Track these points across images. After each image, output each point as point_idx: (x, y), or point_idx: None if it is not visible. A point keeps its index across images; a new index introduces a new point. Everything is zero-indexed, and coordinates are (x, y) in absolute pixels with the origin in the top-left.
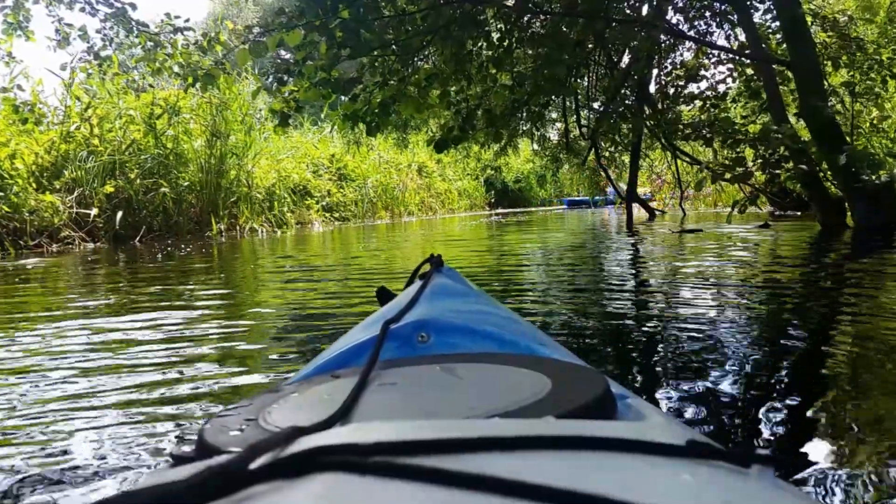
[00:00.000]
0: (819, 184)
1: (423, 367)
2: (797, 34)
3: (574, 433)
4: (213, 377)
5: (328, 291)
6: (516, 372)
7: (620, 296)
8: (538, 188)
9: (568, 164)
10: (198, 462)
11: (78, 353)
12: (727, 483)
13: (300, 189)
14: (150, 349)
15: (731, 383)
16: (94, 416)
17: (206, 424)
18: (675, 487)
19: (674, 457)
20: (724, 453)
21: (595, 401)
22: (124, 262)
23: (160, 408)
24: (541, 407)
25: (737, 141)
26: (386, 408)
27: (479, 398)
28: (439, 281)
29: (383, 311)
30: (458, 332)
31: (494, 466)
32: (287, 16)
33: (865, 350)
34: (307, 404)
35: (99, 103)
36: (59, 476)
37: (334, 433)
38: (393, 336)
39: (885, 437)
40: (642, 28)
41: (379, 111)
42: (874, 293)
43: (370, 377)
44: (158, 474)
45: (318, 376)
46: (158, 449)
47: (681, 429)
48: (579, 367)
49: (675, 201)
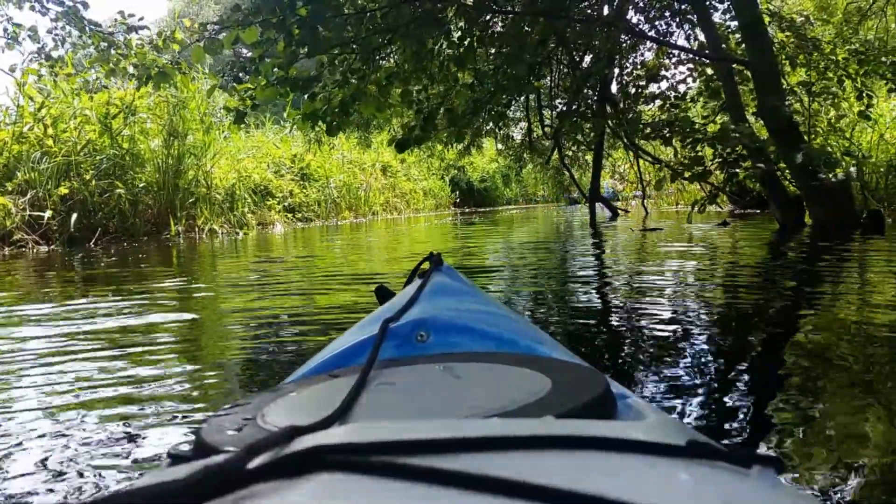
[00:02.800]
0: (777, 183)
1: (423, 367)
2: (755, 34)
3: (574, 433)
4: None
5: (288, 297)
6: (516, 371)
7: (581, 294)
8: (503, 187)
9: (532, 164)
10: (195, 461)
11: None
12: (727, 483)
13: (261, 189)
14: (99, 352)
15: (708, 380)
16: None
17: (204, 424)
18: (675, 488)
19: (674, 457)
20: (725, 454)
21: (595, 400)
22: (79, 266)
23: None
24: (540, 406)
25: (696, 140)
26: (385, 407)
27: (478, 397)
28: (439, 279)
29: (382, 310)
30: (457, 331)
31: (494, 466)
32: (243, 13)
33: (850, 346)
34: (306, 404)
35: (53, 103)
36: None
37: (333, 432)
38: (392, 335)
39: (887, 435)
40: (603, 27)
41: (339, 110)
42: (835, 289)
43: (369, 376)
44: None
45: (316, 375)
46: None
47: (681, 429)
48: (579, 366)
49: (637, 200)
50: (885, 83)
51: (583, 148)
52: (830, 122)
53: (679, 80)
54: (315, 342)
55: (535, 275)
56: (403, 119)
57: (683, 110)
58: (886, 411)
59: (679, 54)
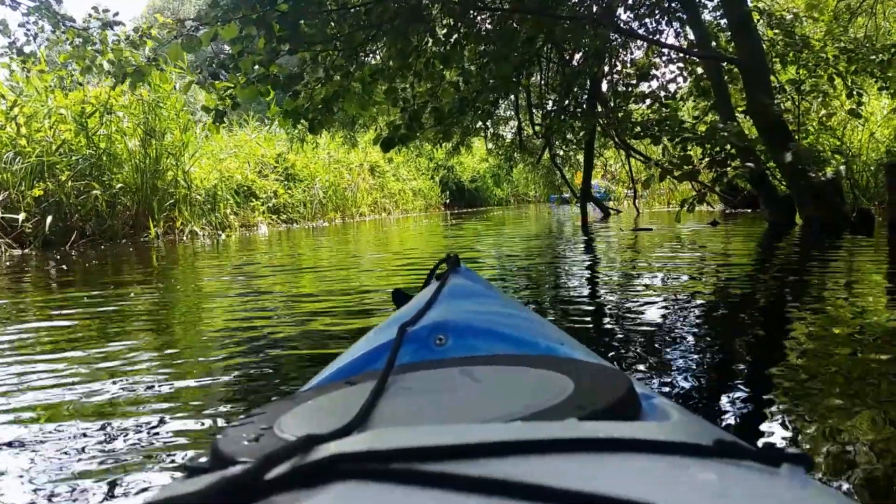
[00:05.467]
0: (767, 182)
1: (442, 371)
2: (745, 32)
3: (598, 435)
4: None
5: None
6: (537, 373)
7: (574, 293)
8: (494, 187)
9: (522, 163)
10: (212, 473)
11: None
12: (756, 483)
13: (244, 190)
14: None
15: (718, 378)
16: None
17: (220, 434)
18: (703, 488)
19: (701, 457)
20: (754, 452)
21: (619, 401)
22: (55, 270)
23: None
24: (563, 409)
25: (685, 139)
26: (404, 413)
27: (499, 401)
28: (456, 281)
29: (399, 314)
30: (476, 334)
31: (517, 471)
32: (222, 8)
33: (854, 344)
34: (323, 412)
35: (26, 101)
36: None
37: (352, 440)
38: (410, 339)
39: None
40: (591, 25)
41: (322, 108)
42: (820, 292)
43: (387, 382)
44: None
45: (333, 383)
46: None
47: (708, 428)
48: (602, 366)
49: (629, 200)
50: (875, 81)
51: (573, 147)
52: (821, 121)
53: (669, 80)
54: (302, 355)
55: (529, 276)
56: (389, 117)
57: (673, 109)
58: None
59: (669, 53)
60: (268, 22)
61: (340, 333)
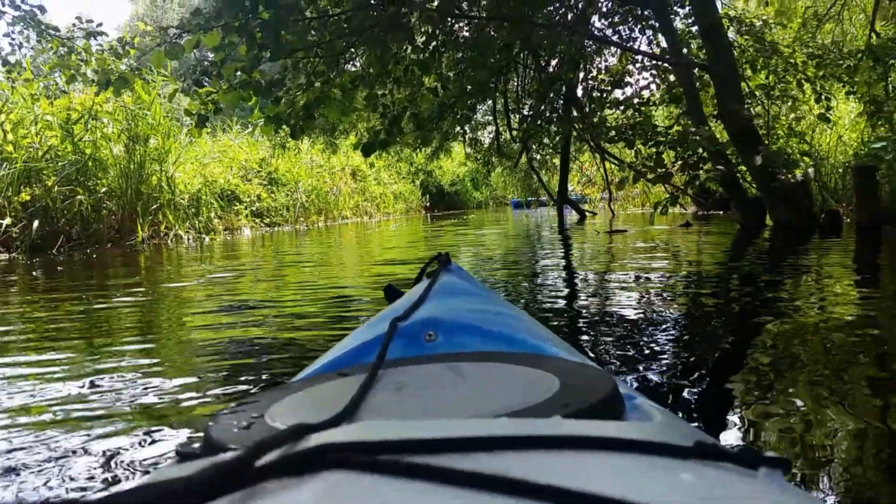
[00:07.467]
0: (738, 184)
1: (431, 366)
2: (715, 38)
3: (582, 433)
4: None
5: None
6: (524, 371)
7: (551, 293)
8: (473, 190)
9: (500, 167)
10: (203, 459)
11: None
12: (734, 484)
13: (228, 194)
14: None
15: (698, 380)
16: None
17: (212, 421)
18: (681, 488)
19: (681, 458)
20: (732, 455)
21: (603, 401)
22: (42, 274)
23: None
24: (548, 406)
25: (657, 143)
26: (393, 406)
27: (486, 397)
28: (447, 279)
29: (391, 309)
30: (465, 331)
31: (501, 466)
32: (204, 16)
33: (837, 346)
34: (314, 402)
35: (12, 108)
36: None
37: (341, 431)
38: (400, 334)
39: (885, 431)
40: (567, 33)
41: (303, 114)
42: (793, 292)
43: (377, 375)
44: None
45: (325, 374)
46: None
47: (688, 430)
48: (588, 366)
49: (605, 203)
50: (842, 86)
51: (550, 151)
52: (790, 126)
53: (642, 87)
54: (289, 349)
55: (507, 276)
56: (370, 123)
57: (646, 114)
58: (876, 407)
59: (642, 59)
60: (249, 30)
61: (325, 329)
